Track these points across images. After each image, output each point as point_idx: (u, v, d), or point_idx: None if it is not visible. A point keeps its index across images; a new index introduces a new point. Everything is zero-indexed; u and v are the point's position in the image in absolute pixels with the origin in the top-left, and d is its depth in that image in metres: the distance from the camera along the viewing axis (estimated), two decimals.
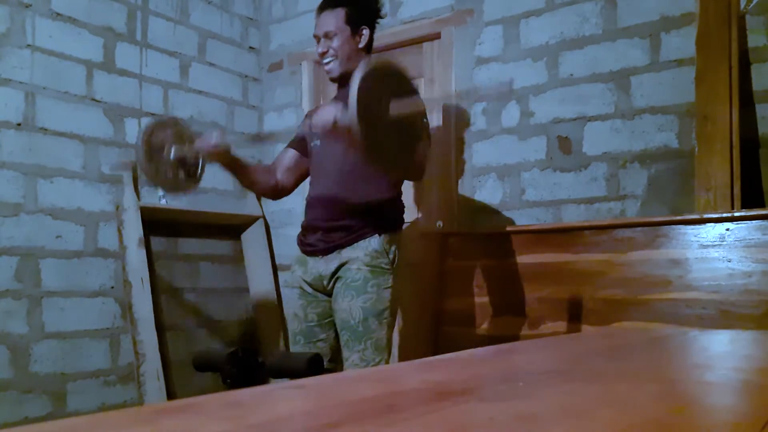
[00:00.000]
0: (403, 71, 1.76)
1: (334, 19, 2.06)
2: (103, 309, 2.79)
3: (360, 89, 1.54)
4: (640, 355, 1.23)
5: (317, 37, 2.10)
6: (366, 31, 2.11)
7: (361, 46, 2.10)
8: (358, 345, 1.98)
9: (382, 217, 2.05)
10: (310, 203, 2.15)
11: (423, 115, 2.00)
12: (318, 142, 2.14)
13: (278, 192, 2.25)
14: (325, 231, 2.06)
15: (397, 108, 1.62)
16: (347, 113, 1.56)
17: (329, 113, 1.71)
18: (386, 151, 1.67)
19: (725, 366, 1.09)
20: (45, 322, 2.61)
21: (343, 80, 2.11)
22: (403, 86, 1.71)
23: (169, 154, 2.05)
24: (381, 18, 2.17)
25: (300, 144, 2.24)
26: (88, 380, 2.72)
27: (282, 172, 2.24)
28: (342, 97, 2.14)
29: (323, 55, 2.09)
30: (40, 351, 2.58)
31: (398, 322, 2.77)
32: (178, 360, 2.94)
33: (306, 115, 2.33)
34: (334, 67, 2.09)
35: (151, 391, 2.73)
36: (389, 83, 1.66)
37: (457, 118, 2.89)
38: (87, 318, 2.73)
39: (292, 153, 2.25)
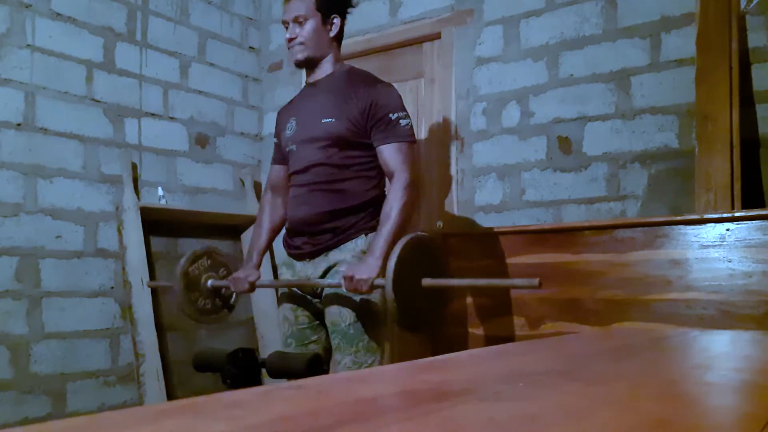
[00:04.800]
0: (433, 245, 1.95)
1: (305, 5, 2.01)
2: (103, 309, 2.79)
3: (397, 266, 1.73)
4: (640, 355, 1.23)
5: (286, 23, 2.05)
6: (337, 20, 2.06)
7: (332, 35, 2.06)
8: (350, 348, 1.96)
9: (368, 216, 2.01)
10: (292, 204, 2.10)
11: (400, 110, 1.99)
12: (294, 147, 2.09)
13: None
14: (311, 234, 2.03)
15: (429, 284, 1.83)
16: (384, 284, 1.75)
17: (365, 271, 1.82)
18: (416, 315, 1.85)
19: (725, 366, 1.09)
20: (45, 323, 2.60)
21: (309, 65, 2.08)
22: (434, 260, 1.93)
23: (205, 284, 2.30)
24: (352, 7, 2.12)
25: (281, 156, 2.21)
26: (87, 380, 2.71)
27: (284, 189, 2.21)
28: (314, 89, 2.09)
29: (292, 40, 2.03)
30: (39, 351, 2.58)
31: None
32: (177, 360, 2.94)
33: (278, 114, 2.27)
34: (300, 50, 2.04)
35: (151, 392, 2.73)
36: (422, 257, 1.86)
37: (457, 118, 2.89)
38: (87, 318, 2.73)
39: (280, 170, 2.23)
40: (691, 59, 2.33)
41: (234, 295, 2.36)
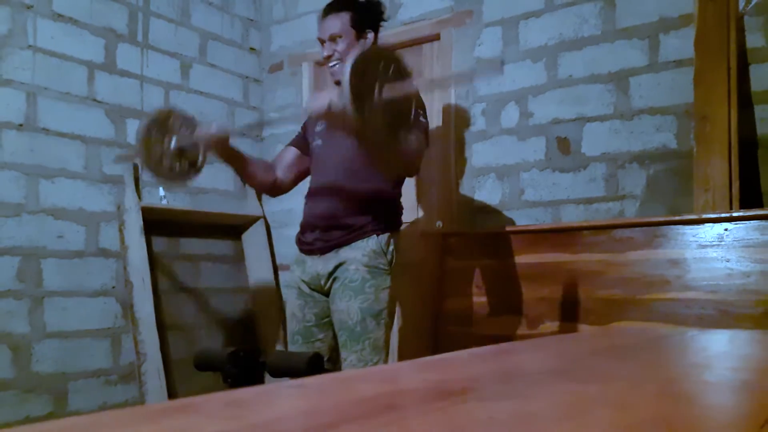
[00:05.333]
0: (397, 56, 1.74)
1: (340, 22, 2.07)
2: (105, 309, 2.80)
3: (353, 72, 1.55)
4: (639, 355, 1.24)
5: (321, 41, 2.11)
6: (371, 35, 2.12)
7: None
8: (356, 345, 1.98)
9: (381, 217, 2.05)
10: (309, 201, 2.15)
11: (421, 107, 2.00)
12: (319, 141, 2.14)
13: (276, 189, 2.25)
14: (324, 229, 2.06)
15: (391, 91, 1.62)
16: (341, 96, 1.57)
17: (324, 97, 1.70)
18: (380, 137, 1.66)
19: (724, 366, 1.10)
20: (46, 322, 2.61)
21: None
22: (398, 71, 1.69)
23: (169, 144, 2.06)
24: (385, 21, 2.18)
25: (301, 142, 2.25)
26: (89, 380, 2.72)
27: (282, 169, 2.24)
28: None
29: (329, 58, 2.09)
30: (41, 350, 2.59)
31: (398, 322, 2.78)
32: (179, 359, 2.95)
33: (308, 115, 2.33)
34: (339, 69, 2.08)
35: (152, 391, 2.74)
36: (384, 68, 1.65)
37: (457, 118, 2.90)
38: (88, 318, 2.74)
39: (293, 151, 2.25)
40: (690, 60, 2.34)
41: (201, 154, 2.16)
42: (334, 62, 2.09)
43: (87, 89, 2.80)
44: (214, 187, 3.33)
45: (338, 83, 2.13)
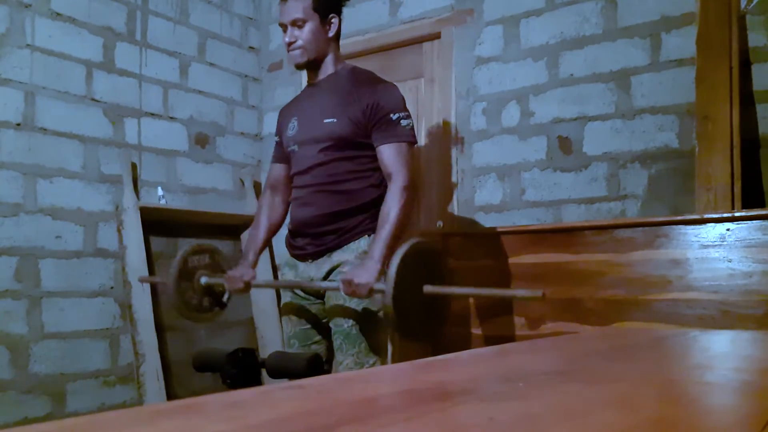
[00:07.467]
0: (437, 253, 1.90)
1: (301, 7, 1.97)
2: (103, 309, 2.79)
3: (400, 267, 1.68)
4: (640, 355, 1.23)
5: (283, 26, 2.02)
6: (335, 20, 2.03)
7: (330, 34, 2.03)
8: (352, 348, 1.95)
9: (371, 216, 2.00)
10: (295, 206, 2.10)
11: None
12: (295, 147, 2.07)
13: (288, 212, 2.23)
14: (314, 235, 2.03)
15: (430, 291, 1.75)
16: (385, 289, 1.69)
17: (367, 275, 1.79)
18: (416, 322, 1.80)
19: (725, 366, 1.09)
20: (44, 323, 2.60)
21: (309, 67, 2.05)
22: (436, 268, 1.84)
23: (198, 281, 2.21)
24: (346, 2, 2.09)
25: (282, 154, 2.19)
26: (87, 380, 2.71)
27: (283, 188, 2.21)
28: (316, 89, 2.07)
29: (291, 44, 2.00)
30: (39, 351, 2.58)
31: None
32: (177, 360, 2.94)
33: (280, 113, 2.24)
34: (299, 54, 2.01)
35: (151, 392, 2.73)
36: (424, 264, 1.79)
37: (458, 118, 2.89)
38: (86, 318, 2.73)
39: (281, 168, 2.21)
40: (691, 59, 2.33)
41: (227, 294, 2.27)
42: (296, 49, 2.00)
43: (85, 88, 2.79)
44: (213, 187, 3.32)
45: (298, 67, 2.05)
